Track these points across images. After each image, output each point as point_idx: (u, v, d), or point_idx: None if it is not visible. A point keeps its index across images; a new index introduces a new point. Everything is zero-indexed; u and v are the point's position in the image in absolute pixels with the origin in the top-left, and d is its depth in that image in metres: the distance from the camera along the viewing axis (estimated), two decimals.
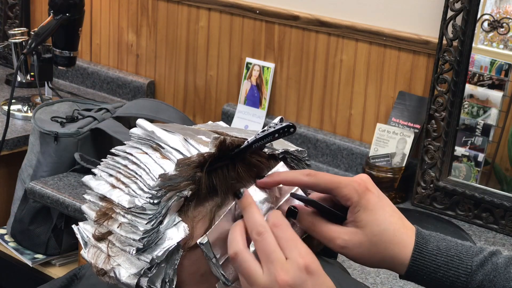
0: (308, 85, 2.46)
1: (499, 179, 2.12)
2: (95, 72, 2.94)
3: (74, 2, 2.60)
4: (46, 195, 2.17)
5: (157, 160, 0.93)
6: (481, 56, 2.09)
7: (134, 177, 0.93)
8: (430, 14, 2.21)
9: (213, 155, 0.93)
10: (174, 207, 0.92)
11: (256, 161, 0.96)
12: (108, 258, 0.93)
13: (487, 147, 2.10)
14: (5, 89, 2.89)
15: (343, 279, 1.21)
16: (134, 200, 0.92)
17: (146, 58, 2.84)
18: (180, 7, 2.70)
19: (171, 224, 0.91)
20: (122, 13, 2.87)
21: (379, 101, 2.33)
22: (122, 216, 0.92)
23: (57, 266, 2.38)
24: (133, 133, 0.99)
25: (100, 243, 0.95)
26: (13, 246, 2.41)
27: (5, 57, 3.11)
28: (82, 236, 0.97)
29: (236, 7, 2.56)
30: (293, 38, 2.47)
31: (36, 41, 2.56)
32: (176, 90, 2.77)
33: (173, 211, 0.92)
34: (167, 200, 0.91)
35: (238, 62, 2.60)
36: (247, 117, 2.54)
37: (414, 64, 2.25)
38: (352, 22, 2.34)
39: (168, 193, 0.91)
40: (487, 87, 2.09)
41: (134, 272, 0.91)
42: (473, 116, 2.11)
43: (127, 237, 0.92)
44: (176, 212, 0.92)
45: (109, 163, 0.98)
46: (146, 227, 0.90)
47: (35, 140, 2.32)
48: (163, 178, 0.90)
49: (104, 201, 0.95)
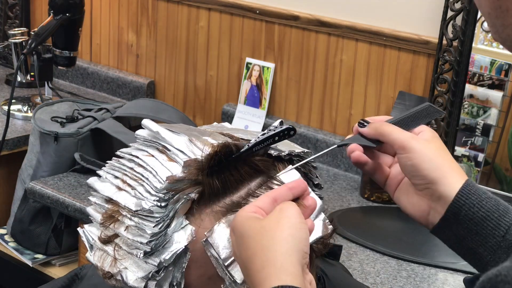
0: (308, 85, 2.46)
1: (499, 179, 2.12)
2: (95, 72, 2.94)
3: (74, 2, 2.59)
4: (46, 195, 2.17)
5: (163, 162, 0.93)
6: (481, 56, 2.09)
7: (140, 180, 0.93)
8: (430, 14, 2.21)
9: (217, 157, 0.93)
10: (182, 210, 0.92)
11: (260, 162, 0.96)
12: (115, 261, 0.93)
13: (487, 147, 2.10)
14: (5, 89, 2.89)
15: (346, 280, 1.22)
16: (141, 202, 0.92)
17: (146, 58, 2.84)
18: (180, 7, 2.70)
19: (179, 227, 0.91)
20: (122, 13, 2.87)
21: (379, 101, 2.33)
22: (128, 218, 0.92)
23: (57, 266, 2.38)
24: (138, 134, 0.99)
25: (106, 246, 0.95)
26: (13, 246, 2.41)
27: (5, 57, 3.11)
28: (88, 239, 0.97)
29: (236, 7, 2.56)
30: (293, 38, 2.47)
31: (36, 41, 2.55)
32: (176, 90, 2.77)
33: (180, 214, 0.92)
34: (174, 203, 0.91)
35: (238, 62, 2.60)
36: (247, 117, 2.54)
37: (414, 64, 2.26)
38: (352, 22, 2.34)
39: (175, 196, 0.91)
40: (487, 87, 2.09)
41: (142, 276, 0.91)
42: (473, 116, 2.11)
43: (134, 240, 0.92)
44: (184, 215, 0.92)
45: (115, 165, 0.98)
46: (153, 230, 0.90)
47: (35, 140, 2.32)
48: (170, 180, 0.90)
49: (110, 203, 0.95)
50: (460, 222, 0.96)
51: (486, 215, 0.95)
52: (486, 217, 0.95)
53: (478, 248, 0.96)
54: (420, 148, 0.98)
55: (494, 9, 0.80)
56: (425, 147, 0.98)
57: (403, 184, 1.03)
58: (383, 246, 1.91)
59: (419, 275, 1.82)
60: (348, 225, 1.98)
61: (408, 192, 1.01)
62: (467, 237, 0.96)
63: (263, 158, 0.97)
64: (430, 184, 0.97)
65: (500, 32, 0.81)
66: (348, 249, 1.90)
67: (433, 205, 0.98)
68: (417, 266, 1.85)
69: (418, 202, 0.99)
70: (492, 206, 0.96)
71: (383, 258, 1.89)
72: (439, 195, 0.97)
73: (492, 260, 0.95)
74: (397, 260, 1.88)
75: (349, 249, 1.91)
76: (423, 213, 0.99)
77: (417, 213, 1.00)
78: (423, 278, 1.81)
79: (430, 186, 0.97)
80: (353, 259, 1.87)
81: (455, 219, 0.96)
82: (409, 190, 1.01)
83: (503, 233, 0.95)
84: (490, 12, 0.81)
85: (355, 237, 1.95)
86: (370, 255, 1.90)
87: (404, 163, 0.98)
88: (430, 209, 0.98)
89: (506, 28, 0.80)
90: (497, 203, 0.97)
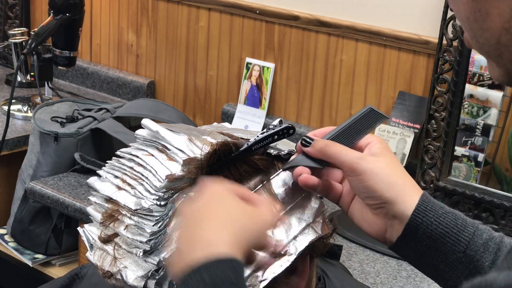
0: (308, 85, 2.46)
1: (499, 179, 2.12)
2: (95, 72, 2.94)
3: (74, 2, 2.59)
4: (46, 195, 2.17)
5: (163, 162, 0.93)
6: (481, 56, 2.09)
7: (140, 179, 0.94)
8: (430, 14, 2.21)
9: (216, 156, 0.93)
10: None
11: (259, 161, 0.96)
12: (115, 260, 0.93)
13: (487, 147, 2.10)
14: (5, 89, 2.89)
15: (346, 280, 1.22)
16: (141, 201, 0.92)
17: (146, 58, 2.84)
18: (180, 7, 2.70)
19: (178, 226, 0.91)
20: (122, 13, 2.87)
21: (379, 101, 2.33)
22: (128, 218, 0.92)
23: (57, 266, 2.38)
24: (138, 134, 0.99)
25: (106, 245, 0.95)
26: (13, 246, 2.41)
27: (5, 57, 3.11)
28: (88, 238, 0.97)
29: (236, 7, 2.56)
30: (293, 38, 2.47)
31: (36, 41, 2.55)
32: (176, 90, 2.77)
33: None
34: (173, 201, 0.91)
35: (238, 62, 2.60)
36: (247, 117, 2.54)
37: (414, 64, 2.26)
38: (352, 22, 2.34)
39: (174, 195, 0.91)
40: (487, 87, 2.09)
41: (141, 275, 0.91)
42: (473, 116, 2.11)
43: (133, 239, 0.92)
44: None
45: (115, 165, 0.98)
46: (153, 229, 0.90)
47: (35, 140, 2.32)
48: (170, 179, 0.91)
49: (110, 202, 0.96)
50: (419, 240, 0.93)
51: (445, 231, 0.92)
52: (445, 233, 0.92)
53: (439, 264, 0.93)
54: (370, 168, 0.93)
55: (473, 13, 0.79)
56: (376, 166, 0.93)
57: (356, 202, 0.98)
58: (383, 246, 1.90)
59: (419, 275, 1.82)
60: (348, 225, 1.98)
61: (362, 210, 0.97)
62: (426, 254, 0.93)
63: (262, 157, 0.97)
64: (385, 204, 0.93)
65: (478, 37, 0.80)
66: (348, 249, 1.90)
67: (390, 223, 0.94)
68: None
69: (374, 220, 0.96)
70: (450, 222, 0.93)
71: (383, 258, 1.89)
72: (394, 214, 0.94)
73: (454, 276, 0.93)
74: (397, 260, 1.88)
75: (349, 249, 1.91)
76: (380, 231, 0.96)
77: (373, 231, 0.96)
78: (423, 278, 1.81)
79: (385, 206, 0.94)
80: (353, 259, 1.87)
81: (413, 237, 0.93)
82: (363, 208, 0.96)
83: (463, 249, 0.92)
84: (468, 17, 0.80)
85: (355, 237, 1.95)
86: (370, 255, 1.90)
87: (356, 185, 0.94)
88: (387, 226, 0.95)
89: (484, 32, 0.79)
90: (455, 218, 0.94)
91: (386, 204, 0.94)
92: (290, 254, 0.93)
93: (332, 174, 0.99)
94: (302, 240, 0.94)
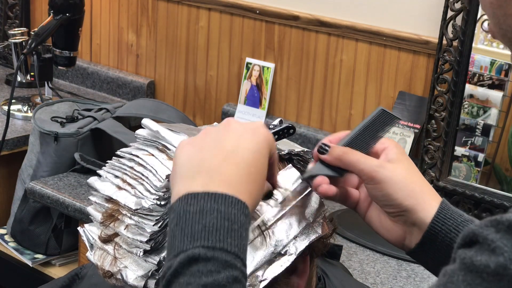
0: (308, 85, 2.46)
1: (499, 179, 2.12)
2: (95, 72, 2.94)
3: (74, 2, 2.59)
4: (46, 195, 2.17)
5: (163, 161, 0.93)
6: (481, 56, 2.09)
7: (140, 179, 0.94)
8: (430, 14, 2.21)
9: None
10: None
11: None
12: (115, 260, 0.93)
13: (487, 147, 2.10)
14: (5, 89, 2.89)
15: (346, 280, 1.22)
16: (141, 201, 0.92)
17: (146, 58, 2.84)
18: (180, 7, 2.70)
19: None
20: (122, 13, 2.87)
21: (379, 101, 2.33)
22: (128, 217, 0.92)
23: (57, 266, 2.38)
24: (138, 134, 0.99)
25: (106, 245, 0.95)
26: (13, 246, 2.41)
27: (5, 57, 3.11)
28: (88, 238, 0.97)
29: (236, 7, 2.56)
30: (293, 38, 2.47)
31: (36, 41, 2.55)
32: (176, 90, 2.77)
33: None
34: None
35: (238, 62, 2.60)
36: (247, 117, 2.54)
37: (414, 64, 2.26)
38: (352, 22, 2.34)
39: None
40: (487, 87, 2.09)
41: (142, 274, 0.91)
42: (473, 116, 2.11)
43: (134, 239, 0.92)
44: None
45: (115, 165, 0.98)
46: (153, 229, 0.90)
47: (35, 140, 2.32)
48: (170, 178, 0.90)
49: (110, 202, 0.96)
50: (437, 247, 0.93)
51: None
52: None
53: None
54: (389, 177, 0.92)
55: None
56: (394, 174, 0.93)
57: (373, 208, 0.98)
58: (383, 246, 1.91)
59: (419, 275, 1.82)
60: (348, 225, 1.98)
61: (380, 217, 0.97)
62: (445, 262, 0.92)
63: None
64: (404, 212, 0.93)
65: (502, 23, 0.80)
66: (348, 249, 1.90)
67: (408, 230, 0.94)
68: (417, 266, 1.85)
69: (392, 227, 0.95)
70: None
71: (383, 258, 1.89)
72: (413, 221, 0.93)
73: None
74: (397, 260, 1.88)
75: (349, 249, 1.91)
76: (398, 238, 0.96)
77: (392, 238, 0.96)
78: (423, 278, 1.81)
79: (404, 214, 0.94)
80: (353, 259, 1.87)
81: (431, 245, 0.93)
82: (381, 214, 0.96)
83: None
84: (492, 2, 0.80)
85: (355, 237, 1.95)
86: (370, 255, 1.90)
87: (374, 193, 0.94)
88: (406, 234, 0.95)
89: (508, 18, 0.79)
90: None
91: (405, 212, 0.93)
92: (290, 254, 0.93)
93: (348, 180, 0.99)
94: (302, 240, 0.94)
